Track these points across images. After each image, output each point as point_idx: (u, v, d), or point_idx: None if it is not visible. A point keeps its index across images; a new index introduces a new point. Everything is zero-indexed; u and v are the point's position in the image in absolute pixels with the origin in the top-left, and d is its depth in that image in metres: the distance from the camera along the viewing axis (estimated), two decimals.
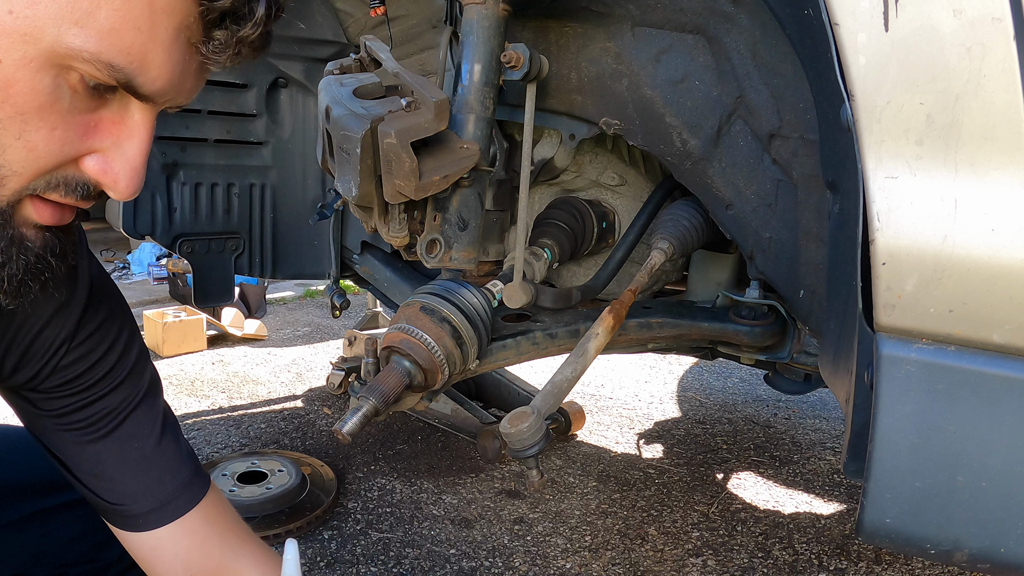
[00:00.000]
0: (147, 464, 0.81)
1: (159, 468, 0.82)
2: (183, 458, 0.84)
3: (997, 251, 0.65)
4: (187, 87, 0.57)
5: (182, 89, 0.57)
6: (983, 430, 0.68)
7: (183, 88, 0.57)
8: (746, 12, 1.05)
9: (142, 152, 0.58)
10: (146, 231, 1.85)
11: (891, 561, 1.81)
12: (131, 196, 0.59)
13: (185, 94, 0.58)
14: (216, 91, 1.87)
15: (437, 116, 0.87)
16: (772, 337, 1.35)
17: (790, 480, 2.28)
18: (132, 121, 0.56)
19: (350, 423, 0.93)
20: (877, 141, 0.68)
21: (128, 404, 0.81)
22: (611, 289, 1.45)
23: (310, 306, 4.69)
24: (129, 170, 0.57)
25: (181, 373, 3.13)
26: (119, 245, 6.38)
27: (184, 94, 0.58)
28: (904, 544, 0.75)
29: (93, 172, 0.57)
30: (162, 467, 0.82)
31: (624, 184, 1.51)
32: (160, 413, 0.84)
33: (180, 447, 0.85)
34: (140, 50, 0.51)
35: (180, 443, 0.85)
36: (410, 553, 1.78)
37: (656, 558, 1.80)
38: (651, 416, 2.80)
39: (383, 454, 2.32)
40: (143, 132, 0.57)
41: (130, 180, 0.57)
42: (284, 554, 0.77)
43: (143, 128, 0.57)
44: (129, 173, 0.57)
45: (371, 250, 2.05)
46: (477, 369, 1.11)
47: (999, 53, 0.62)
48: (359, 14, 1.72)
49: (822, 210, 1.06)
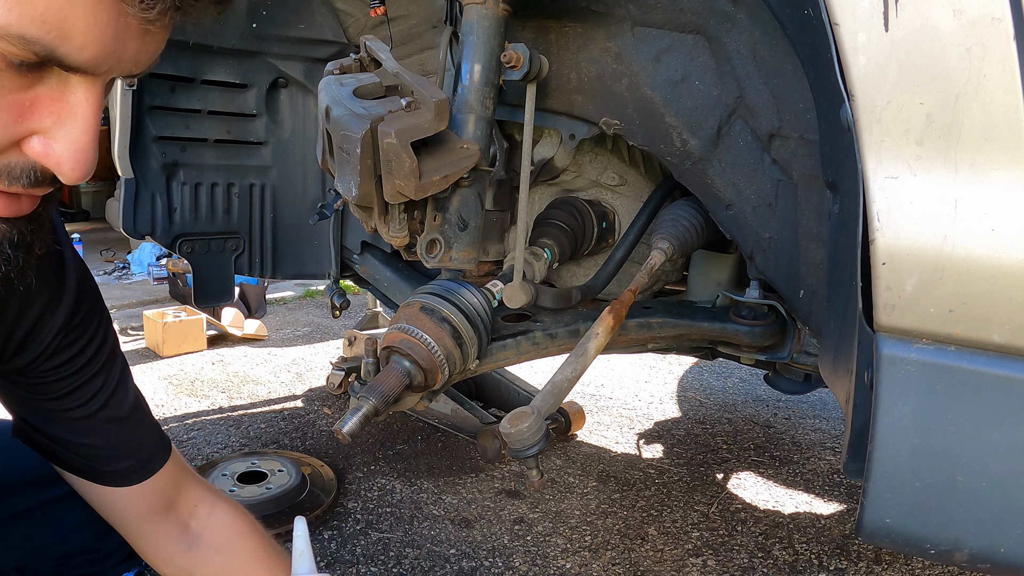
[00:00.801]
0: (127, 434, 0.91)
1: (136, 437, 0.92)
2: (152, 427, 0.95)
3: (997, 251, 0.65)
4: (129, 53, 0.51)
5: (123, 56, 0.51)
6: (983, 430, 0.68)
7: (124, 55, 0.51)
8: (746, 12, 1.05)
9: (87, 131, 0.52)
10: (146, 231, 1.85)
11: (891, 561, 1.81)
12: (81, 179, 0.53)
13: (129, 61, 0.52)
14: (216, 91, 1.87)
15: (437, 116, 0.87)
16: (772, 337, 1.35)
17: (790, 480, 2.28)
18: (74, 97, 0.51)
19: (350, 423, 0.93)
20: (877, 141, 0.68)
21: (110, 383, 0.89)
22: (611, 289, 1.45)
23: (310, 306, 4.69)
24: (74, 151, 0.51)
25: (181, 373, 3.13)
26: (119, 245, 6.38)
27: (128, 61, 0.51)
28: (904, 544, 0.75)
29: (35, 155, 0.52)
30: (139, 436, 0.93)
31: (624, 184, 1.51)
32: (133, 389, 0.94)
33: (150, 418, 0.96)
34: (56, 16, 0.45)
35: (148, 414, 0.96)
36: (410, 553, 1.78)
37: (656, 558, 1.80)
38: (651, 416, 2.80)
39: (383, 454, 2.32)
40: (87, 109, 0.51)
41: (76, 162, 0.52)
42: (295, 530, 0.89)
43: (87, 104, 0.51)
44: (74, 155, 0.52)
45: (371, 250, 2.05)
46: (477, 369, 1.11)
47: (999, 53, 0.62)
48: (359, 14, 1.72)
49: (822, 210, 1.06)
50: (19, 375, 0.83)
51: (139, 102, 1.74)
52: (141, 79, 1.71)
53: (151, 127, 1.80)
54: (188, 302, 4.00)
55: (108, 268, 5.72)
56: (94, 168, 0.54)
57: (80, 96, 0.51)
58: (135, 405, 0.93)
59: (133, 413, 0.92)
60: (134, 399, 0.93)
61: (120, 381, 0.90)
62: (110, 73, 0.51)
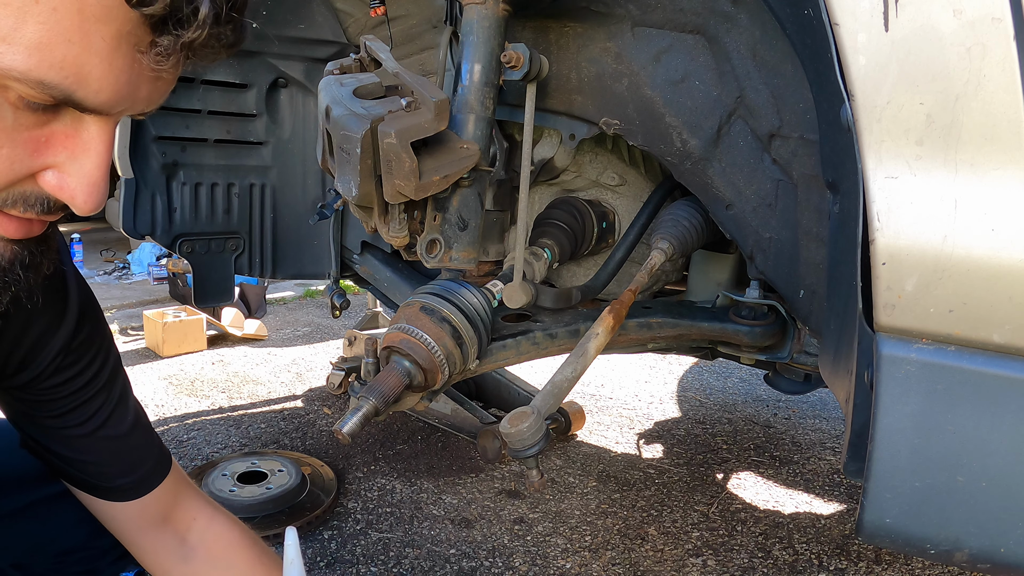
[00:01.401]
0: (126, 452, 0.92)
1: (135, 455, 0.94)
2: (153, 444, 0.97)
3: (997, 251, 0.65)
4: (142, 95, 0.54)
5: (136, 98, 0.53)
6: (983, 430, 0.68)
7: (137, 97, 0.53)
8: (746, 12, 1.05)
9: (100, 166, 0.55)
10: (146, 231, 1.85)
11: (891, 561, 1.81)
12: (92, 211, 0.56)
13: (143, 102, 0.55)
14: (216, 91, 1.87)
15: (437, 116, 0.87)
16: (772, 337, 1.35)
17: (790, 480, 2.28)
18: (87, 134, 0.53)
19: (350, 423, 0.93)
20: (877, 141, 0.68)
21: (109, 403, 0.90)
22: (611, 289, 1.45)
23: (310, 306, 4.69)
24: (87, 186, 0.54)
25: (181, 373, 3.13)
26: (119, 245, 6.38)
27: (141, 102, 0.55)
28: (904, 544, 0.75)
29: (50, 188, 0.54)
30: (137, 454, 0.94)
31: (624, 184, 1.51)
32: (134, 407, 0.95)
33: (151, 435, 0.97)
34: (74, 63, 0.48)
35: (149, 430, 0.97)
36: (410, 553, 1.78)
37: (656, 558, 1.80)
38: (651, 416, 2.80)
39: (383, 454, 2.32)
40: (100, 145, 0.54)
41: (88, 196, 0.55)
42: (285, 540, 0.88)
43: (99, 141, 0.54)
44: (87, 189, 0.54)
45: (371, 250, 2.05)
46: (477, 369, 1.11)
47: (999, 53, 0.62)
48: (359, 14, 1.72)
49: (822, 210, 1.06)
50: (21, 391, 0.84)
51: None
52: None
53: (151, 127, 1.80)
54: (188, 302, 4.00)
55: (108, 268, 5.72)
56: (105, 199, 0.57)
57: (93, 133, 0.54)
58: (135, 423, 0.94)
59: (132, 432, 0.93)
60: (134, 418, 0.94)
61: (120, 401, 0.92)
62: (123, 113, 0.54)
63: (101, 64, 0.49)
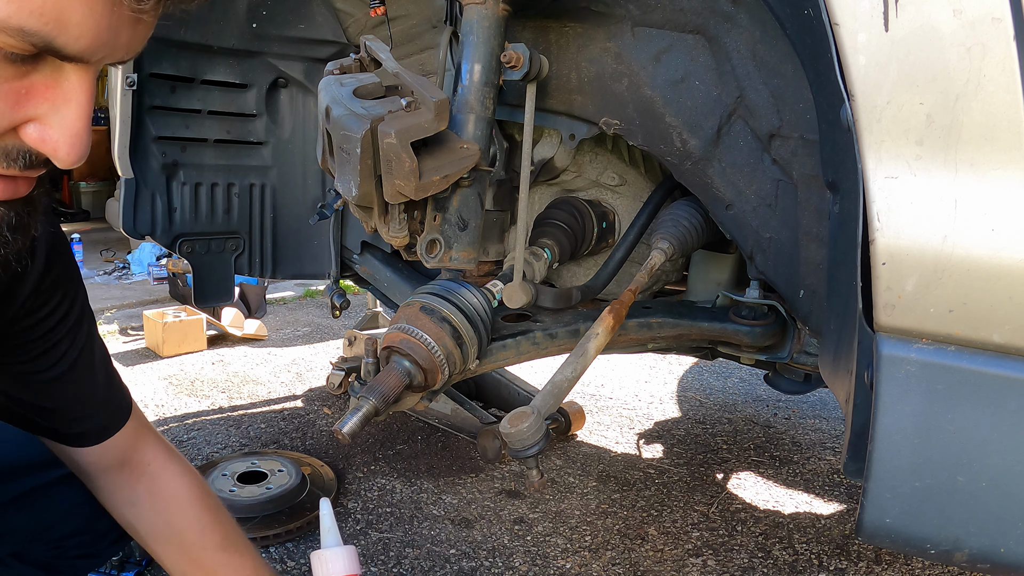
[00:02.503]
0: (92, 396, 0.97)
1: (100, 398, 0.98)
2: (116, 389, 1.01)
3: (997, 251, 0.65)
4: (123, 41, 0.52)
5: (117, 44, 0.52)
6: (983, 430, 0.68)
7: (118, 43, 0.52)
8: (746, 12, 1.05)
9: (82, 116, 0.54)
10: (146, 231, 1.85)
11: (891, 561, 1.81)
12: (75, 163, 0.55)
13: (123, 48, 0.53)
14: (216, 91, 1.87)
15: (437, 116, 0.87)
16: (772, 337, 1.35)
17: (790, 480, 2.28)
18: (68, 84, 0.52)
19: (350, 423, 0.93)
20: (877, 141, 0.68)
21: (76, 346, 0.93)
22: (611, 289, 1.45)
23: (310, 306, 4.69)
24: (69, 136, 0.53)
25: (181, 373, 3.13)
26: (119, 245, 6.38)
27: (122, 49, 0.53)
28: (904, 544, 0.75)
29: (32, 141, 0.53)
30: (103, 397, 0.98)
31: (624, 184, 1.51)
32: (100, 349, 0.98)
33: (114, 378, 1.01)
34: (54, 8, 0.46)
35: (114, 376, 1.01)
36: (410, 553, 1.78)
37: (656, 558, 1.80)
38: (651, 416, 2.80)
39: (383, 454, 2.32)
40: (81, 95, 0.53)
41: (71, 147, 0.54)
42: (320, 511, 0.98)
43: (80, 91, 0.53)
44: (70, 139, 0.53)
45: (371, 250, 2.05)
46: (477, 369, 1.11)
47: (999, 53, 0.62)
48: (359, 14, 1.72)
49: (822, 210, 1.06)
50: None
51: (139, 102, 1.74)
52: (141, 79, 1.72)
53: (151, 127, 1.80)
54: (188, 302, 4.00)
55: (108, 268, 5.72)
56: (88, 151, 0.55)
57: (74, 82, 0.52)
58: (101, 366, 0.98)
59: (98, 375, 0.97)
60: (101, 360, 0.98)
61: (87, 342, 0.95)
62: (103, 60, 0.53)
63: (80, 9, 0.48)
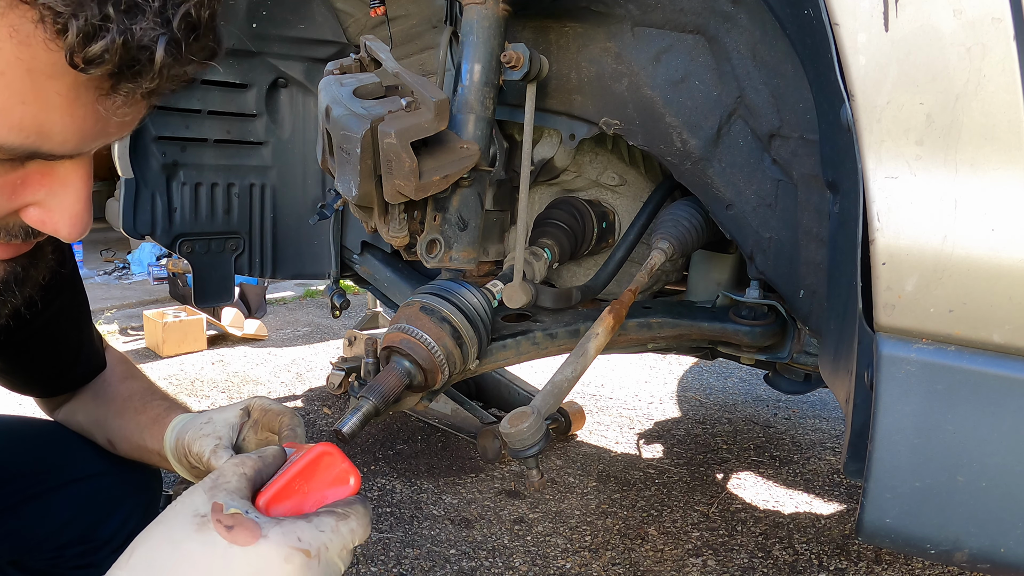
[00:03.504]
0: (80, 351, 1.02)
1: (88, 353, 1.04)
2: (97, 344, 1.06)
3: (997, 251, 0.65)
4: (112, 131, 0.54)
5: (107, 134, 0.53)
6: (983, 430, 0.68)
7: (108, 133, 0.53)
8: (746, 12, 1.05)
9: (80, 199, 0.55)
10: (146, 231, 1.85)
11: (891, 561, 1.81)
12: (78, 238, 0.57)
13: (113, 136, 0.55)
14: (216, 91, 1.87)
15: (437, 116, 0.87)
16: (772, 337, 1.35)
17: (790, 480, 2.28)
18: (63, 170, 0.54)
19: (350, 423, 0.93)
20: (877, 141, 0.68)
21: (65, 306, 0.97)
22: (611, 289, 1.45)
23: (310, 306, 4.69)
24: (68, 218, 0.55)
25: (181, 373, 3.13)
26: (119, 245, 6.38)
27: (113, 135, 0.54)
28: (904, 544, 0.75)
29: (33, 222, 0.55)
30: (89, 354, 1.04)
31: (624, 184, 1.51)
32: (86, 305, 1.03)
33: (95, 332, 1.07)
34: (33, 122, 0.47)
35: (94, 329, 1.07)
36: (410, 553, 1.78)
37: (656, 558, 1.79)
38: (651, 416, 2.80)
39: (383, 454, 2.32)
40: (77, 180, 0.55)
41: (72, 227, 0.56)
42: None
43: (76, 175, 0.54)
44: (69, 220, 0.55)
45: (371, 250, 2.05)
46: (477, 369, 1.11)
47: (999, 53, 0.62)
48: (359, 14, 1.72)
49: (822, 210, 1.06)
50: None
51: None
52: None
53: (151, 127, 1.80)
54: (188, 302, 4.00)
55: (108, 268, 5.72)
56: (90, 225, 0.57)
57: (68, 169, 0.54)
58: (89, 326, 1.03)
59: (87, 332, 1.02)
60: (88, 320, 1.03)
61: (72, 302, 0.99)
62: (96, 147, 0.54)
63: (62, 118, 0.48)
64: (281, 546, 0.53)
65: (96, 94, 0.49)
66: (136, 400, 0.99)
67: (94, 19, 0.44)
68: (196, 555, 0.52)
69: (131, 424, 0.96)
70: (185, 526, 0.53)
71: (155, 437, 0.90)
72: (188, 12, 0.48)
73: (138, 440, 0.94)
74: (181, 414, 0.90)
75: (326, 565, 0.55)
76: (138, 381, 1.06)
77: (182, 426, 0.86)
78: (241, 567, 0.52)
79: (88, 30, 0.44)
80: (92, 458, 1.02)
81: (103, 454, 1.02)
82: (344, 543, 0.57)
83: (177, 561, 0.52)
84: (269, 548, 0.53)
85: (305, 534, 0.55)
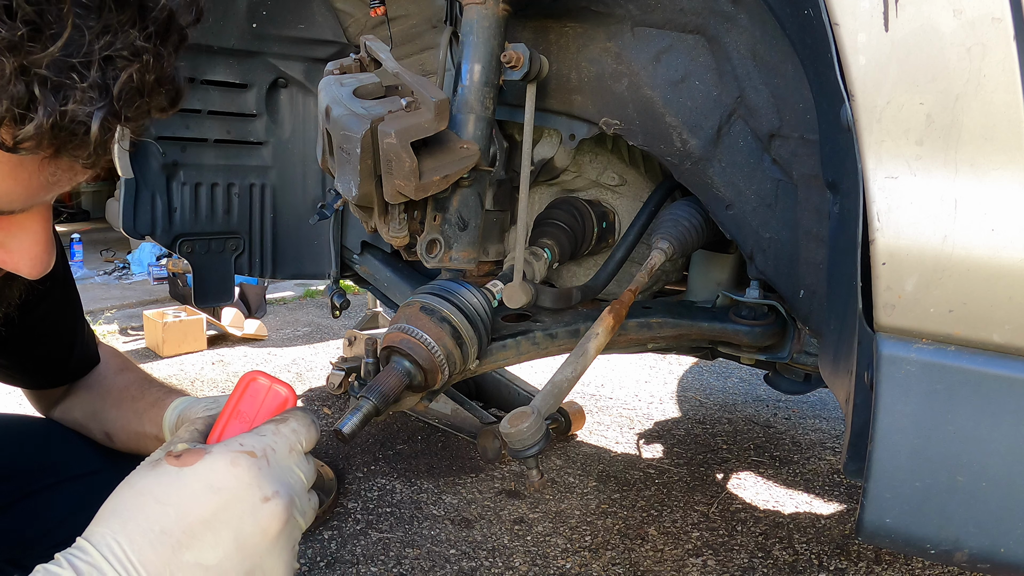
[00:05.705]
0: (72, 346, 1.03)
1: (80, 348, 1.05)
2: (90, 340, 1.07)
3: (997, 251, 0.65)
4: (64, 183, 0.54)
5: (60, 186, 0.54)
6: (983, 430, 0.68)
7: (60, 184, 0.53)
8: (746, 12, 1.05)
9: (38, 241, 0.57)
10: (146, 231, 1.85)
11: (891, 561, 1.81)
12: (39, 276, 0.59)
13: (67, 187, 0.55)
14: (216, 91, 1.87)
15: (437, 116, 0.87)
16: (772, 337, 1.35)
17: (790, 480, 2.28)
18: (20, 218, 0.55)
19: (350, 423, 0.93)
20: (877, 141, 0.68)
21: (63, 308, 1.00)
22: (611, 289, 1.45)
23: (310, 306, 4.69)
24: (29, 259, 0.57)
25: (181, 373, 3.13)
26: (119, 245, 6.38)
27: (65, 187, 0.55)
28: (904, 544, 0.75)
29: None
30: (82, 349, 1.05)
31: (624, 184, 1.51)
32: (79, 306, 1.05)
33: (89, 331, 1.08)
34: None
35: (87, 326, 1.08)
36: (410, 553, 1.78)
37: (656, 558, 1.80)
38: (651, 416, 2.80)
39: (383, 454, 2.32)
40: (34, 224, 0.56)
41: (32, 267, 0.58)
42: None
43: (32, 221, 0.56)
44: (30, 261, 0.57)
45: (371, 250, 2.05)
46: (477, 369, 1.11)
47: (999, 53, 0.62)
48: (359, 14, 1.72)
49: (822, 210, 1.06)
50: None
51: None
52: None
53: (151, 127, 1.80)
54: (188, 302, 4.00)
55: (108, 268, 5.72)
56: (52, 262, 0.59)
57: (25, 216, 0.55)
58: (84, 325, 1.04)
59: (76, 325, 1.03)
60: (82, 319, 1.04)
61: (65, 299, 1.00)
62: (49, 200, 0.56)
63: (4, 182, 0.49)
64: (225, 454, 0.57)
65: (39, 160, 0.49)
66: (133, 388, 1.00)
67: (21, 101, 0.44)
68: (151, 486, 0.56)
69: (129, 412, 0.97)
70: (141, 470, 0.58)
71: (154, 421, 0.91)
72: (130, 78, 0.48)
73: (136, 427, 0.95)
74: (182, 397, 0.91)
75: (277, 468, 0.59)
76: (134, 372, 1.07)
77: (185, 406, 0.87)
78: (193, 484, 0.55)
79: (14, 114, 0.44)
80: (88, 455, 1.02)
81: (100, 451, 1.02)
82: (290, 444, 0.61)
83: (135, 495, 0.56)
84: (214, 458, 0.56)
85: (247, 440, 0.59)
